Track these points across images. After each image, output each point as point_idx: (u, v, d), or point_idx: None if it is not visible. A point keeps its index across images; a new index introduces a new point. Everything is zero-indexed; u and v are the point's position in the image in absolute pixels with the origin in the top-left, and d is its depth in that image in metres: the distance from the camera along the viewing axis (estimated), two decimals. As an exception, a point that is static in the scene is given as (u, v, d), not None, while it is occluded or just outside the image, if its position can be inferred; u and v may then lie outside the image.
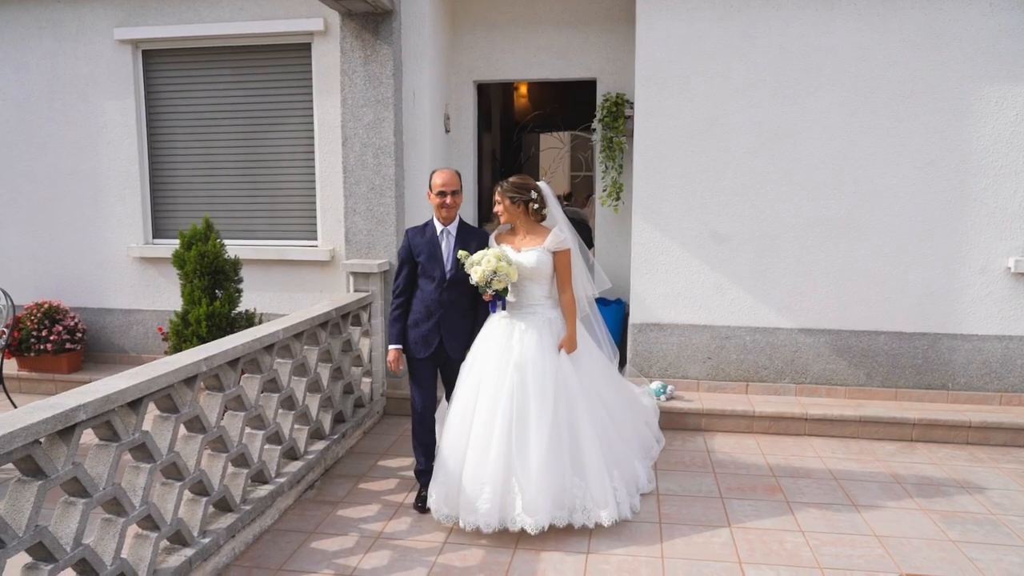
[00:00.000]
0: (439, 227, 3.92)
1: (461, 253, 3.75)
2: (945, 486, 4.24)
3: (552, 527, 3.52)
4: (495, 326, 3.78)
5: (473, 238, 3.93)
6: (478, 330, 3.89)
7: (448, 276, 3.86)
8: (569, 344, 3.77)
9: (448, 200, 3.84)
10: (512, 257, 3.72)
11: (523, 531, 3.47)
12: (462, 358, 3.87)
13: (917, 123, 5.18)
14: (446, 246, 3.90)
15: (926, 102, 5.16)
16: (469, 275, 3.69)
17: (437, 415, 4.00)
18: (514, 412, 3.54)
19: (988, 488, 4.22)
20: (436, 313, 3.88)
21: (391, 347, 3.98)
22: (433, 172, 3.93)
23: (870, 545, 3.52)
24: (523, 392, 3.57)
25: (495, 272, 3.60)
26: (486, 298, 3.74)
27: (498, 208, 3.84)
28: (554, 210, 3.90)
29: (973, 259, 5.24)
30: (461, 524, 3.55)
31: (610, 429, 3.87)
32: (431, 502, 3.71)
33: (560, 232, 3.78)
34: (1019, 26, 5.01)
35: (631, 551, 3.45)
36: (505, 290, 3.69)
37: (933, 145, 5.18)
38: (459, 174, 3.96)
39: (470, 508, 3.50)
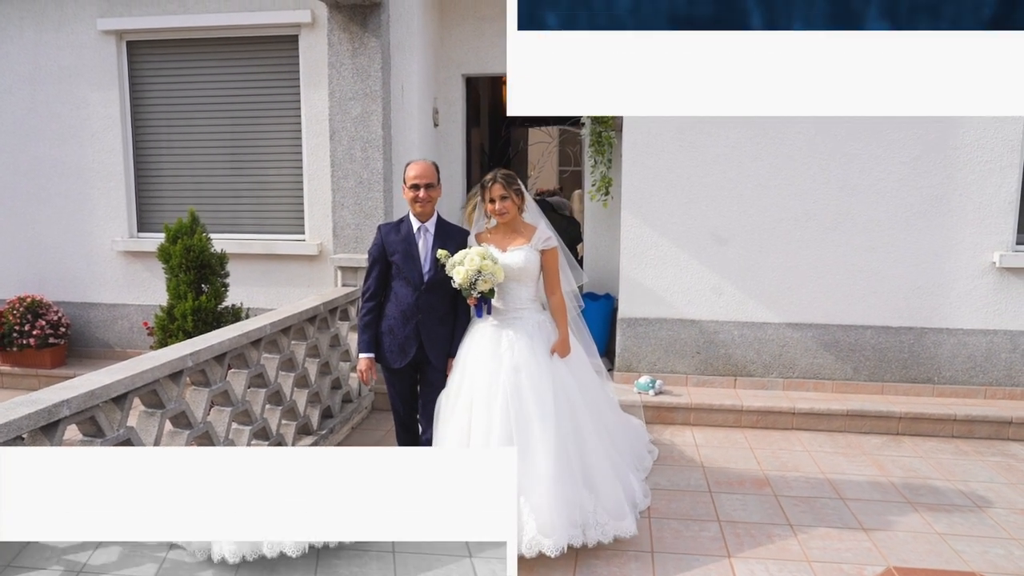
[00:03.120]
0: (415, 224, 3.57)
1: (440, 253, 3.45)
2: (931, 479, 4.28)
3: (568, 547, 3.18)
4: (479, 337, 3.46)
5: (453, 236, 3.60)
6: (459, 334, 3.60)
7: (426, 278, 3.53)
8: (563, 347, 3.48)
9: (422, 194, 3.50)
10: (497, 258, 3.44)
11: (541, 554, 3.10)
12: (443, 366, 3.60)
13: (904, 117, 5.20)
14: (423, 245, 3.56)
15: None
16: (451, 277, 3.36)
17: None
18: (512, 423, 3.21)
19: (973, 481, 4.26)
20: (413, 319, 3.54)
21: (362, 356, 3.64)
22: (407, 164, 3.62)
23: (857, 538, 3.54)
24: (520, 400, 3.25)
25: (479, 272, 3.28)
26: (471, 302, 3.44)
27: (505, 204, 3.42)
28: (530, 203, 3.63)
29: (959, 254, 5.27)
30: None
31: (607, 439, 3.62)
32: None
33: (547, 229, 3.56)
34: (1005, 22, 5.04)
35: (620, 546, 3.44)
36: (491, 292, 3.39)
37: (919, 140, 5.21)
38: (437, 166, 3.65)
39: None
